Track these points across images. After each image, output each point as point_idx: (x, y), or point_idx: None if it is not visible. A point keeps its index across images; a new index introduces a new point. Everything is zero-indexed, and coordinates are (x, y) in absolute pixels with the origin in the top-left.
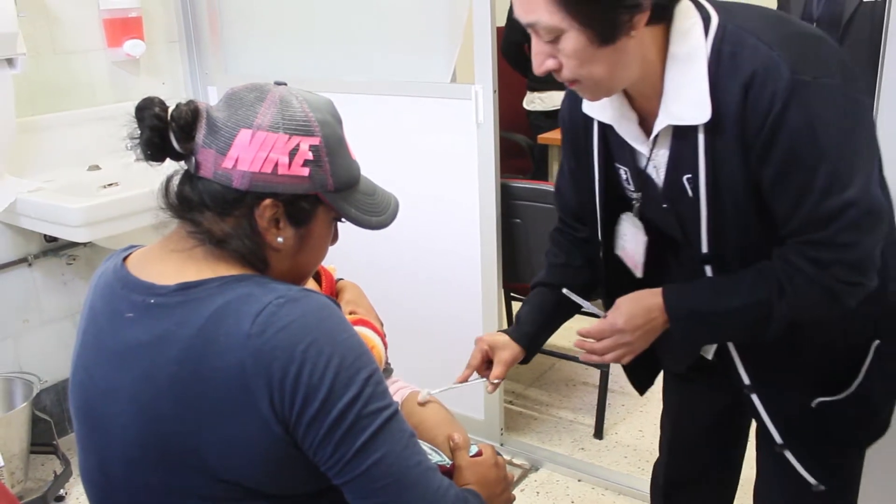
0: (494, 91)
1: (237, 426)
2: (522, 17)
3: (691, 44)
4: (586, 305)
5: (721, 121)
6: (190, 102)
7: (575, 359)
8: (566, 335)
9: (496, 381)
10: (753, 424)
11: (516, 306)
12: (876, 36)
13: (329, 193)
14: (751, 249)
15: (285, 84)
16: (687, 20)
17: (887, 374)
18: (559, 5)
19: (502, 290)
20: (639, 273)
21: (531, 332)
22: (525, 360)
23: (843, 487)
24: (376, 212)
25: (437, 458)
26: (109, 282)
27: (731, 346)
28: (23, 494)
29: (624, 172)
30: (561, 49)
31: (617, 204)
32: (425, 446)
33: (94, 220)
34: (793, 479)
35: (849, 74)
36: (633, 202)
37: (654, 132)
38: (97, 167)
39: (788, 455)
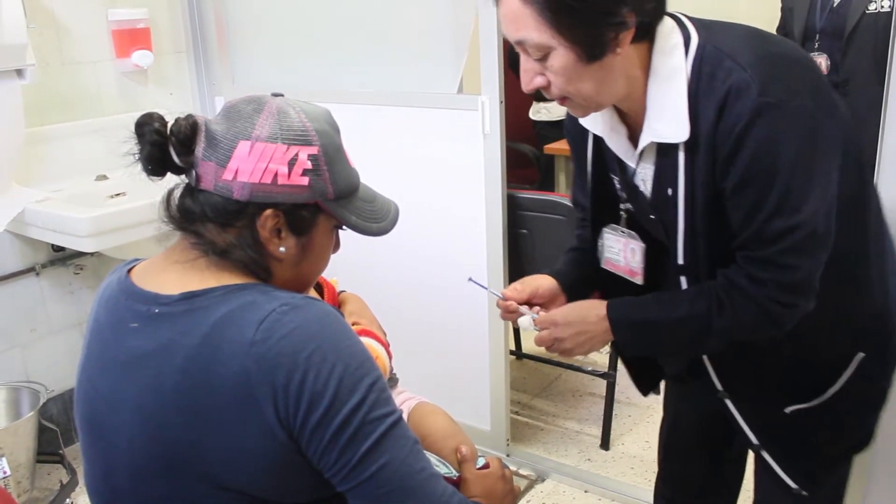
0: (501, 101)
1: (242, 434)
2: (511, 34)
3: (673, 64)
4: (487, 289)
5: (698, 139)
6: (189, 116)
7: (581, 369)
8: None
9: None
10: None
11: None
12: (880, 47)
13: (329, 201)
14: (722, 264)
15: (282, 95)
16: (669, 40)
17: (870, 387)
18: (547, 23)
19: None
20: (639, 280)
21: (565, 272)
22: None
23: (830, 497)
24: (377, 218)
25: (444, 469)
26: (114, 293)
27: (705, 359)
28: None
29: (617, 182)
30: (549, 66)
31: (609, 213)
32: (432, 458)
33: (101, 230)
34: (778, 485)
35: (822, 100)
36: (622, 212)
37: (639, 148)
38: (105, 177)
39: (765, 455)
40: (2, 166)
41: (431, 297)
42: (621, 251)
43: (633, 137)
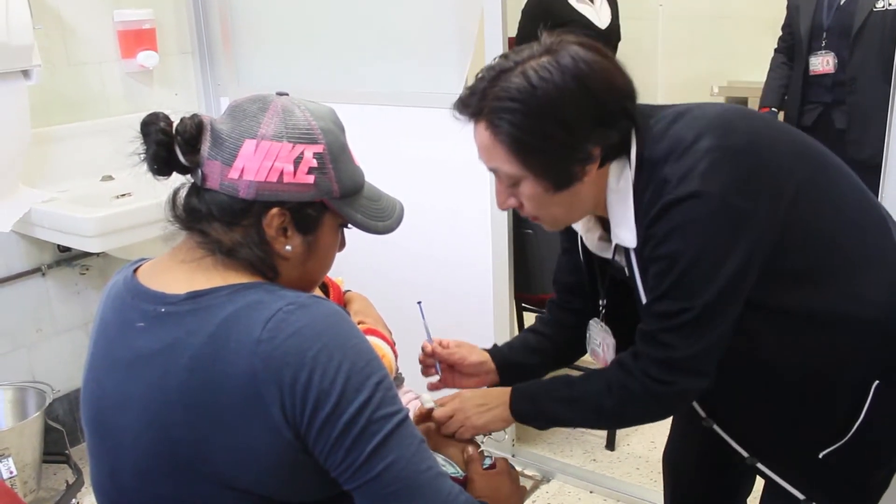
0: None
1: (248, 433)
2: (485, 162)
3: (622, 179)
4: (427, 325)
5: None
6: (194, 116)
7: (586, 370)
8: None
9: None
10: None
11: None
12: (887, 45)
13: (335, 200)
14: None
15: (287, 94)
16: (618, 162)
17: (891, 411)
18: (516, 158)
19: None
20: None
21: (509, 356)
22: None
23: None
24: (382, 217)
25: (450, 469)
26: (120, 293)
27: (716, 427)
28: None
29: (598, 275)
30: (520, 192)
31: (594, 304)
32: (438, 458)
33: (107, 230)
34: None
35: (758, 189)
36: (601, 307)
37: (612, 248)
38: (110, 178)
39: None
40: (8, 167)
41: (436, 296)
42: (600, 344)
43: (608, 236)
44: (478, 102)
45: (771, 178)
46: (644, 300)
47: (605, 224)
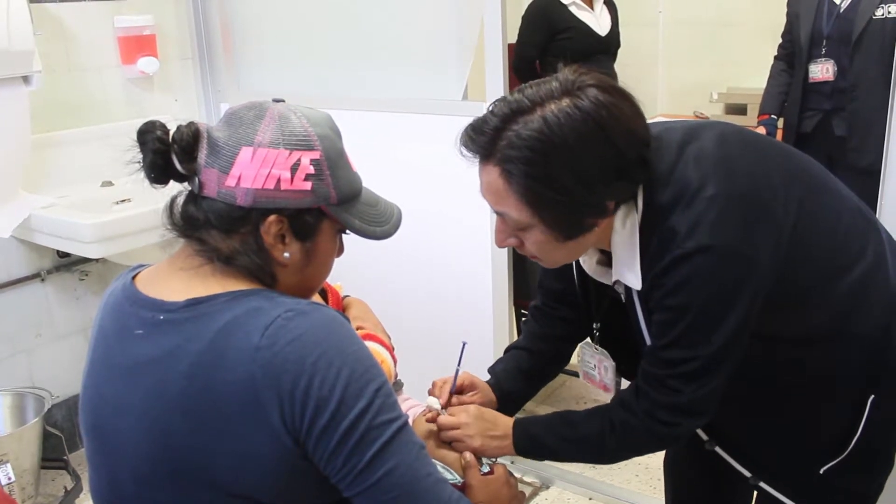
0: None
1: (247, 439)
2: (491, 204)
3: (629, 222)
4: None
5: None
6: (190, 124)
7: (574, 373)
8: (578, 351)
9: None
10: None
11: None
12: (887, 52)
13: (332, 206)
14: None
15: (283, 101)
16: (625, 206)
17: (887, 422)
18: (528, 207)
19: (513, 308)
20: (610, 398)
21: (506, 386)
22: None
23: None
24: (380, 222)
25: (448, 476)
26: (118, 300)
27: (718, 449)
28: None
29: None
30: (525, 236)
31: (588, 324)
32: (437, 465)
33: (106, 236)
34: None
35: (763, 239)
36: (595, 331)
37: (612, 280)
38: (110, 183)
39: None
40: (8, 172)
41: (435, 303)
42: (596, 367)
43: (605, 260)
44: (489, 142)
45: (771, 220)
46: (648, 340)
47: (602, 249)
